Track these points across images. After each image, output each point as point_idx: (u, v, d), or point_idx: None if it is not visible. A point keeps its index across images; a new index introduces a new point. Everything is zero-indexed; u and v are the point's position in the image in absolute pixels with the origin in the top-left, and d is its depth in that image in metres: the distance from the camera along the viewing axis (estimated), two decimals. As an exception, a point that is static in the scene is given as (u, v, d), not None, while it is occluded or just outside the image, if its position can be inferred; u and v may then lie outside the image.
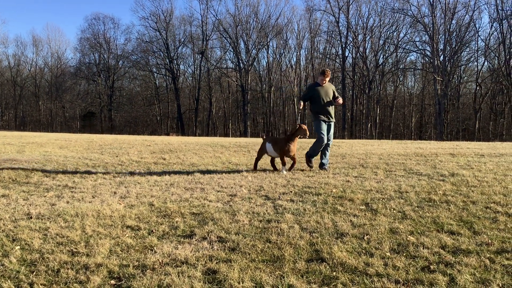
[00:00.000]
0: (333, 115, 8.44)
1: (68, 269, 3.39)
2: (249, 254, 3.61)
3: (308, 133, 8.04)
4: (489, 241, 3.88)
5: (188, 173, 8.25)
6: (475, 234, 4.09)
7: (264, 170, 8.38)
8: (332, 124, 8.47)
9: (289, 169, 8.18)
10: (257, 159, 8.57)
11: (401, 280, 3.04)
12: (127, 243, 3.96)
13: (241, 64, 51.44)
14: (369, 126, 45.67)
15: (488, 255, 3.52)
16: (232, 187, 6.61)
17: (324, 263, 3.38)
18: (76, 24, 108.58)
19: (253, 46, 51.57)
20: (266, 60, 52.99)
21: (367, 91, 46.11)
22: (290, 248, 3.72)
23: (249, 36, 51.14)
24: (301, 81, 52.07)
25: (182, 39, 55.39)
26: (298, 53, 52.50)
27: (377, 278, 3.09)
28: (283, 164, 8.03)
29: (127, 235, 4.22)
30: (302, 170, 8.31)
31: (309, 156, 8.38)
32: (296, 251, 3.68)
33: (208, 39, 53.29)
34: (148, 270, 3.32)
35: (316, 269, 3.27)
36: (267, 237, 4.05)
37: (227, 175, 7.82)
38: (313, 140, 8.58)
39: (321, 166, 8.44)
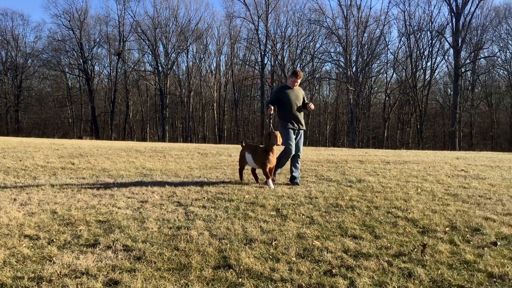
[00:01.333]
0: (303, 123, 7.59)
1: (-48, 284, 3.10)
2: (155, 263, 3.52)
3: (280, 140, 7.06)
4: (389, 244, 4.09)
5: (98, 178, 7.92)
6: (376, 238, 4.29)
7: (182, 184, 8.25)
8: (302, 132, 7.63)
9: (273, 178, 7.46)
10: (240, 169, 7.82)
11: (303, 285, 3.11)
12: (23, 254, 3.70)
13: (160, 68, 50.52)
14: (286, 132, 46.77)
15: (387, 258, 3.70)
16: (143, 193, 6.44)
17: (231, 270, 3.38)
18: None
19: (173, 50, 50.88)
20: (185, 64, 52.48)
21: (284, 98, 47.16)
22: (198, 256, 3.68)
23: (169, 40, 50.38)
24: (221, 86, 52.23)
25: (98, 39, 53.30)
26: (218, 59, 52.62)
27: (281, 283, 3.14)
28: (267, 177, 7.16)
29: (24, 245, 3.95)
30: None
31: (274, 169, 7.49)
32: (204, 258, 3.64)
33: (126, 40, 51.74)
34: (44, 282, 3.12)
35: (222, 276, 3.26)
36: (176, 245, 3.97)
37: (139, 181, 7.62)
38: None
39: (292, 180, 7.54)
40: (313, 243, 4.08)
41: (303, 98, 7.64)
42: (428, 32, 43.57)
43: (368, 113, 47.28)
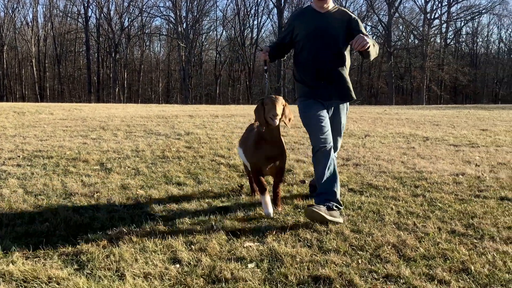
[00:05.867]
0: (347, 85, 3.77)
1: None
2: (-43, 225, 3.21)
3: (283, 111, 3.43)
4: (210, 188, 4.32)
5: None
6: (199, 184, 4.50)
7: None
8: (343, 107, 3.89)
9: (276, 201, 3.70)
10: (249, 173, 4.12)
11: (125, 230, 3.14)
12: None
13: (-37, 17, 43.74)
14: (117, 90, 44.91)
15: (208, 200, 3.92)
16: None
17: (47, 224, 3.24)
18: None
19: (-22, -3, 44.31)
20: (-4, 15, 46.22)
21: (113, 54, 44.97)
22: (10, 213, 3.44)
23: (-28, -16, 43.63)
24: (40, 40, 47.41)
25: None
26: (34, 9, 47.36)
27: (101, 231, 3.12)
28: (252, 189, 4.11)
29: None
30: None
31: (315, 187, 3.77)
32: (17, 215, 3.43)
33: None
34: None
35: (37, 230, 3.12)
36: (-17, 205, 3.65)
37: None
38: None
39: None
40: (137, 192, 4.11)
41: (349, 28, 3.67)
42: (254, -10, 45.19)
43: (200, 71, 47.77)
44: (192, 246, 2.86)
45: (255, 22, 46.65)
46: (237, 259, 2.68)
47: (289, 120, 3.55)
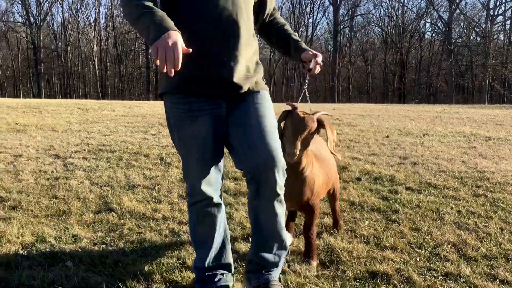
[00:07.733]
0: None
1: None
2: (32, 211, 3.43)
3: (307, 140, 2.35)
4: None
5: (-37, 135, 7.28)
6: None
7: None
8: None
9: (307, 250, 2.60)
10: None
11: (184, 221, 3.26)
12: None
13: (32, 19, 46.19)
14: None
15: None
16: (17, 148, 6.07)
17: (113, 213, 3.42)
18: None
19: (45, -1, 46.63)
20: (61, 16, 48.60)
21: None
22: (78, 202, 3.65)
23: (40, -12, 45.98)
24: (102, 40, 49.37)
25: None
26: (97, 10, 49.54)
27: (163, 221, 3.26)
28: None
29: None
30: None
31: None
32: (85, 204, 3.63)
33: (-10, -13, 46.29)
34: None
35: (103, 219, 3.29)
36: (54, 194, 3.88)
37: (12, 136, 7.14)
38: None
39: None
40: (195, 186, 4.23)
41: None
42: (310, -12, 44.91)
43: (254, 69, 48.09)
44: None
45: (310, 20, 46.31)
46: (292, 253, 2.72)
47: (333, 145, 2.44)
